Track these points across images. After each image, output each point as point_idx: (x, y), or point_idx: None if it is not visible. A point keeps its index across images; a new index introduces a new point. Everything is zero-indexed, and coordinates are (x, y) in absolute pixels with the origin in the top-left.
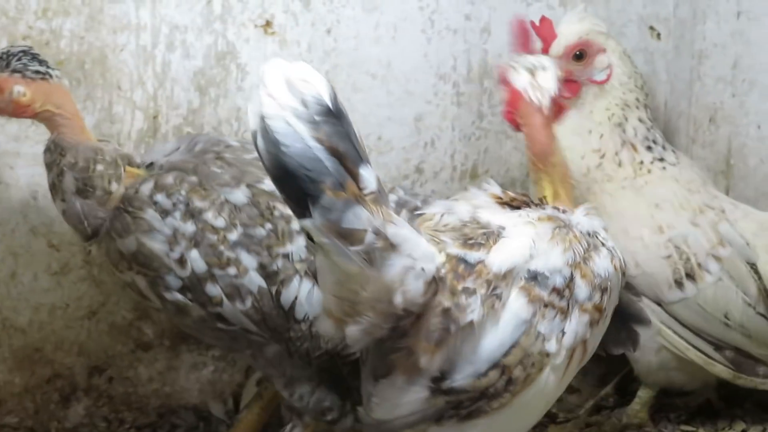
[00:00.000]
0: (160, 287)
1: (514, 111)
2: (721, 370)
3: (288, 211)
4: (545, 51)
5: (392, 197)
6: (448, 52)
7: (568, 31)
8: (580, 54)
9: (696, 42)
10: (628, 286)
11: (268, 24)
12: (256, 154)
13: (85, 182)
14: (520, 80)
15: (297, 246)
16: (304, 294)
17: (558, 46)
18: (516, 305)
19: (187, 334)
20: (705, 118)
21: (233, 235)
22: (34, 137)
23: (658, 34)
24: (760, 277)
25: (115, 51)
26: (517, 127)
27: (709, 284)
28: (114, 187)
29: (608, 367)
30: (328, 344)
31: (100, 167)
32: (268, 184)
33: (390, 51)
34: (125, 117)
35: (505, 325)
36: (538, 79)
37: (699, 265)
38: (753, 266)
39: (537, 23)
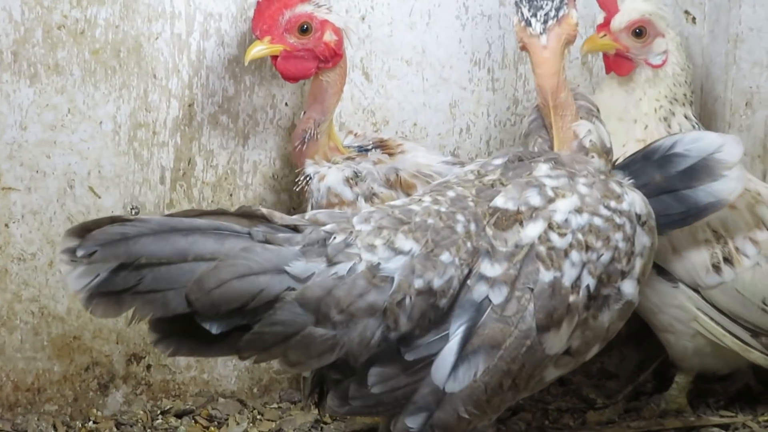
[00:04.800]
0: None
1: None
2: (757, 356)
3: None
4: (607, 23)
5: None
6: (482, 38)
7: (632, 7)
8: (640, 31)
9: (731, 26)
10: (665, 272)
11: None
12: None
13: None
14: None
15: None
16: None
17: (620, 19)
18: None
19: None
20: (741, 102)
21: None
22: (70, 126)
23: (693, 18)
24: None
25: (150, 39)
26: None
27: (747, 268)
28: None
29: (646, 352)
30: None
31: None
32: None
33: (424, 37)
34: (161, 105)
35: None
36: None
37: (736, 248)
38: None
39: None
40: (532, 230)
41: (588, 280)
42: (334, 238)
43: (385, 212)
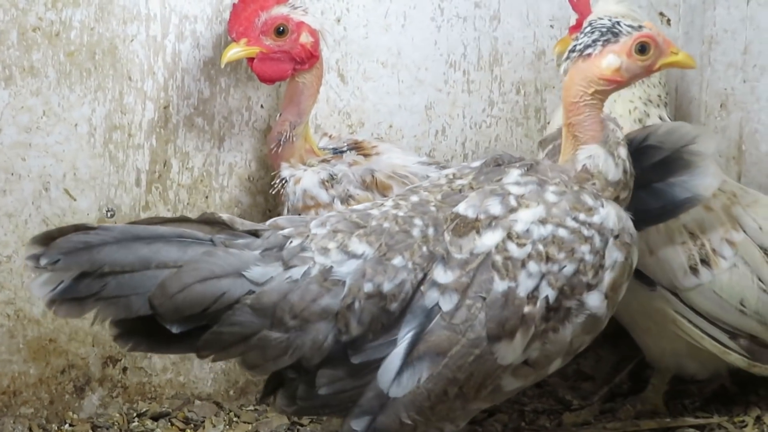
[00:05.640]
0: None
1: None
2: (736, 358)
3: None
4: (579, 25)
5: None
6: (458, 40)
7: (606, 10)
8: None
9: (706, 28)
10: (642, 275)
11: None
12: None
13: None
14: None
15: None
16: None
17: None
18: None
19: None
20: (716, 103)
21: None
22: (45, 128)
23: (668, 20)
24: None
25: (125, 41)
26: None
27: (724, 270)
28: None
29: (622, 354)
30: None
31: None
32: None
33: (400, 39)
34: (136, 107)
35: None
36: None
37: (713, 250)
38: (766, 251)
39: None
40: (489, 239)
41: (547, 291)
42: (291, 242)
43: (342, 216)
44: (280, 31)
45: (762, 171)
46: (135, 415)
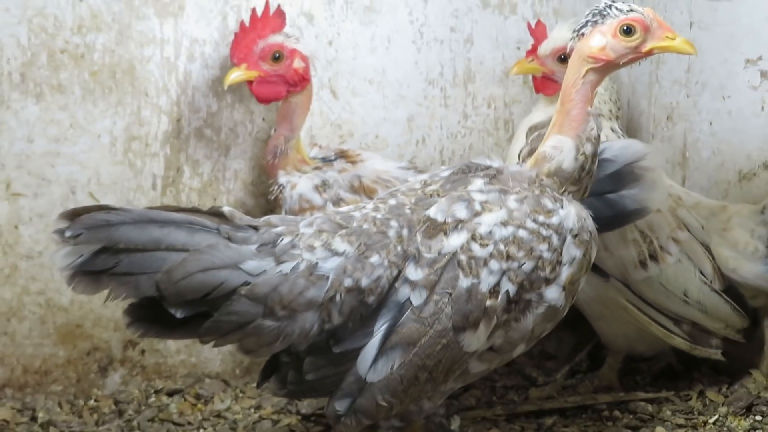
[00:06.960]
0: None
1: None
2: (679, 342)
3: None
4: (533, 49)
5: None
6: (435, 60)
7: (559, 36)
8: (565, 58)
9: None
10: (597, 268)
11: None
12: None
13: None
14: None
15: None
16: None
17: (546, 45)
18: None
19: None
20: (663, 116)
21: None
22: (72, 139)
23: None
24: (713, 257)
25: (142, 62)
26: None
27: (670, 264)
28: None
29: (581, 337)
30: None
31: None
32: None
33: (384, 60)
34: (152, 120)
35: None
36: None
37: (661, 247)
38: (707, 248)
39: (533, 26)
40: (455, 240)
41: (508, 286)
42: (282, 239)
43: (327, 218)
44: (276, 57)
45: (703, 175)
46: (152, 391)
